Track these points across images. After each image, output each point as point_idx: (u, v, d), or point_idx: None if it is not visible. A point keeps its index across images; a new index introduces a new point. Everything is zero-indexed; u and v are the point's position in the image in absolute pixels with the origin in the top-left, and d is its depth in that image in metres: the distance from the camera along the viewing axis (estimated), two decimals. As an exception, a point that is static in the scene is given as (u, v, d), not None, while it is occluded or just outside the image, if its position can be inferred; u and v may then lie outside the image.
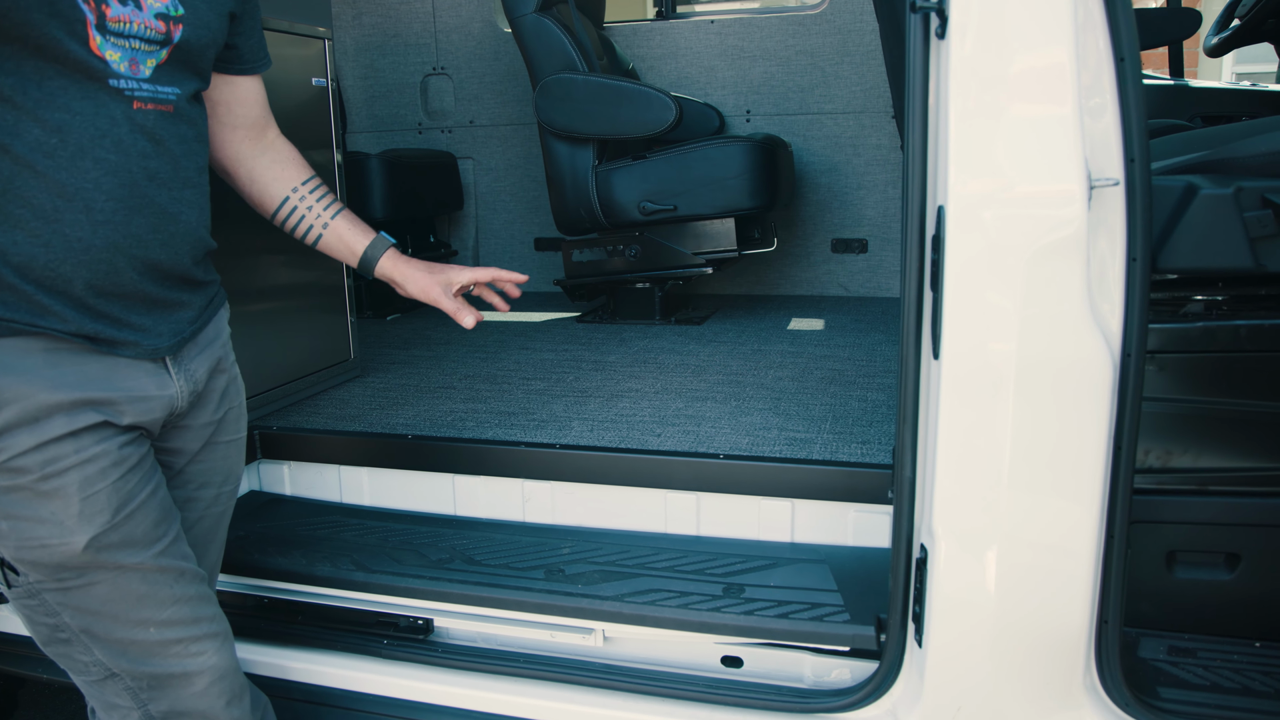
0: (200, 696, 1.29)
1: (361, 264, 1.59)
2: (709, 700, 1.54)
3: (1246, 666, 1.43)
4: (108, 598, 1.21)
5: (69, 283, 1.13)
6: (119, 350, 1.20)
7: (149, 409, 1.24)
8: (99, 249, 1.14)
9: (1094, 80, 1.18)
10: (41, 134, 1.09)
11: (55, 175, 1.09)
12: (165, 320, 1.25)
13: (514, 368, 2.59)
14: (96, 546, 1.17)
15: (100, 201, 1.13)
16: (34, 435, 1.13)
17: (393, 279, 1.60)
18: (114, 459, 1.19)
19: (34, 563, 1.18)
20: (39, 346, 1.14)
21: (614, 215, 3.09)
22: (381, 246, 1.58)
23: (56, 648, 1.27)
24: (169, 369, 1.27)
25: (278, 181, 1.52)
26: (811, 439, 1.87)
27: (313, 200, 1.54)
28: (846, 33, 3.53)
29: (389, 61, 4.05)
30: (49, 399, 1.13)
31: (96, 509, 1.17)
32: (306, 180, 1.54)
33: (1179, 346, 1.45)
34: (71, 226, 1.11)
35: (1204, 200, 1.37)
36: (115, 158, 1.14)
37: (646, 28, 3.76)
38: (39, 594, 1.21)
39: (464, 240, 4.08)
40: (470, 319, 1.62)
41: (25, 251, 1.10)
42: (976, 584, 1.30)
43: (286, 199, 1.52)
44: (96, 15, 1.10)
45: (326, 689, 1.73)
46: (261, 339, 2.14)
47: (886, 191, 3.60)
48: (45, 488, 1.14)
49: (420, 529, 1.90)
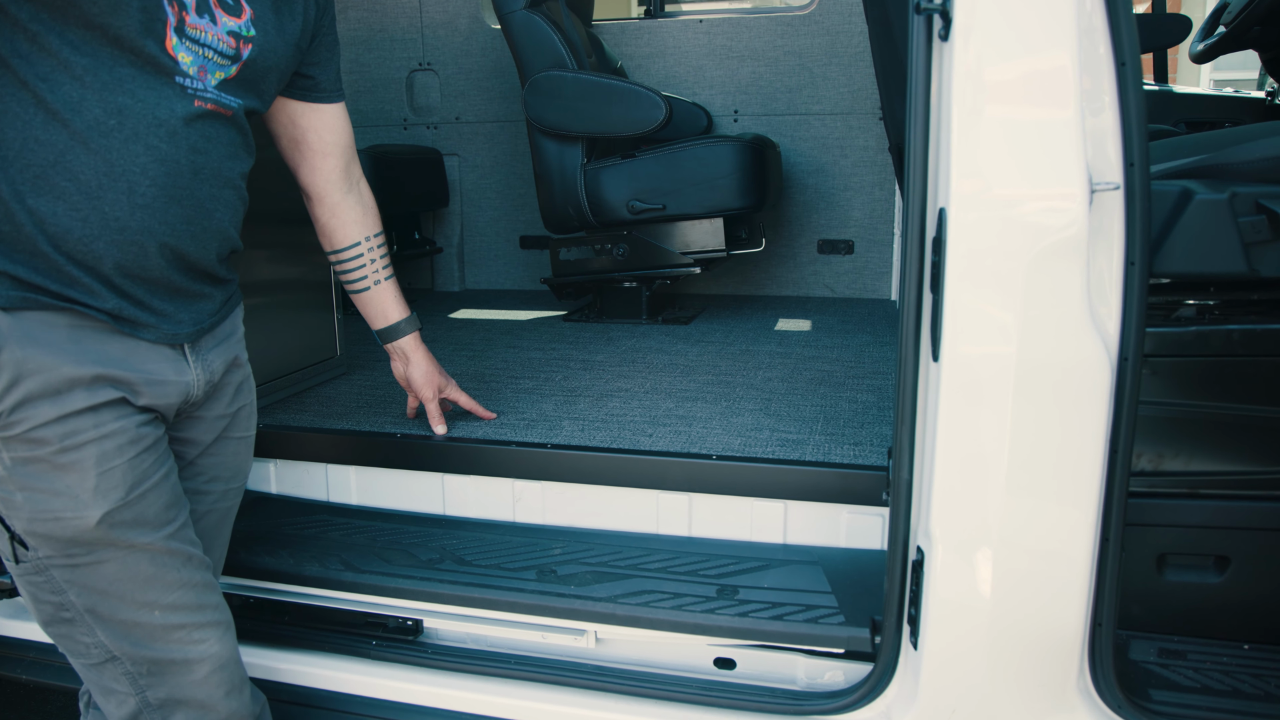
0: (200, 685, 1.30)
1: (387, 330, 1.79)
2: (702, 702, 1.53)
3: (1236, 669, 1.45)
4: (115, 577, 1.23)
5: (99, 260, 1.16)
6: (140, 332, 1.23)
7: (165, 393, 1.26)
8: (133, 231, 1.17)
9: (1095, 84, 1.18)
10: (102, 114, 1.13)
11: (107, 154, 1.14)
12: (187, 309, 1.29)
13: (502, 366, 2.57)
14: (109, 523, 1.19)
15: (143, 186, 1.17)
16: (55, 407, 1.15)
17: (408, 357, 1.82)
18: (131, 436, 1.21)
19: (46, 536, 1.19)
20: (63, 322, 1.16)
21: (602, 214, 3.07)
22: (414, 324, 1.81)
23: (58, 628, 1.27)
24: (186, 356, 1.30)
25: (358, 224, 1.65)
26: (803, 440, 1.87)
27: (377, 254, 1.70)
28: (835, 34, 3.54)
29: (374, 56, 4.01)
30: (71, 372, 1.16)
31: (112, 485, 1.19)
32: (379, 234, 1.68)
33: (1172, 350, 1.46)
34: (111, 205, 1.15)
35: (1199, 205, 1.38)
36: (166, 147, 1.18)
37: (635, 26, 3.75)
38: (46, 570, 1.22)
39: (449, 238, 4.06)
40: (443, 428, 1.90)
41: (63, 224, 1.14)
42: (973, 587, 1.31)
43: (358, 244, 1.66)
44: (177, 19, 1.17)
45: (314, 690, 1.71)
46: (248, 334, 2.10)
47: (873, 193, 3.61)
48: (63, 460, 1.16)
49: (409, 529, 1.88)
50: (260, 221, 1.69)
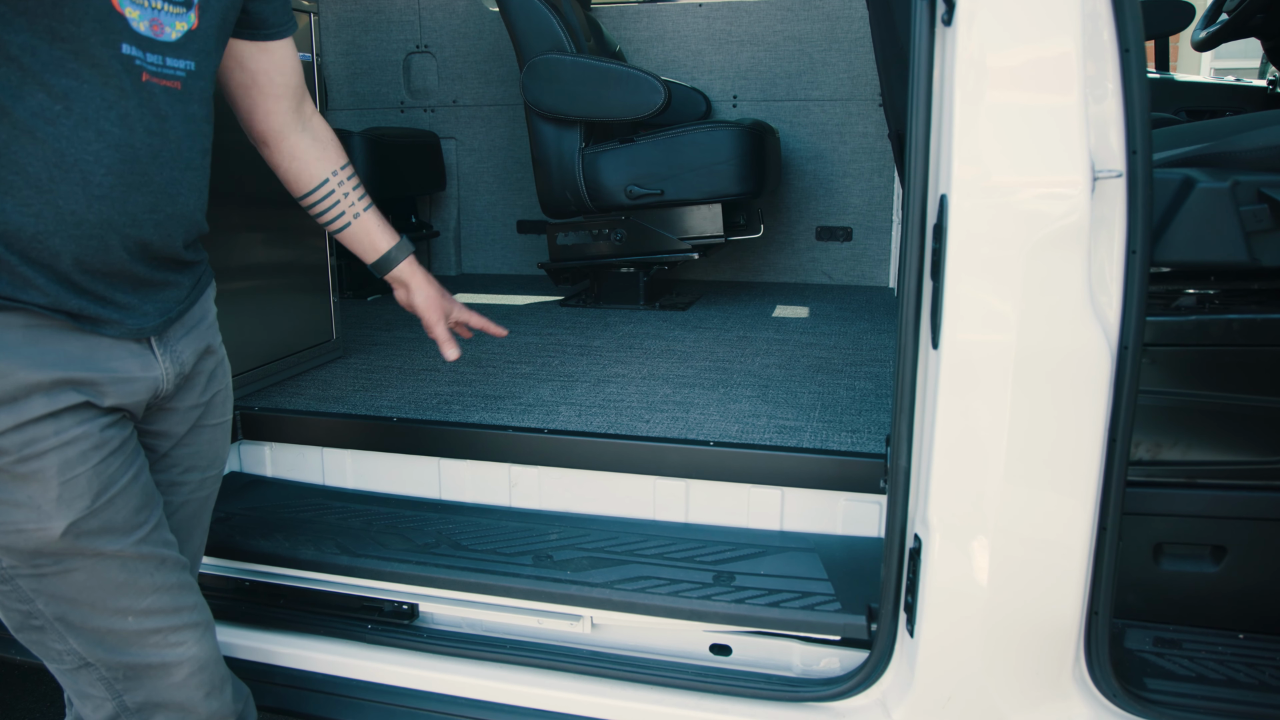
0: (179, 688, 1.25)
1: (381, 261, 1.61)
2: (697, 688, 1.53)
3: (1231, 658, 1.45)
4: (85, 585, 1.16)
5: (56, 257, 1.08)
6: (102, 329, 1.14)
7: (132, 391, 1.19)
8: (91, 224, 1.09)
9: (1098, 71, 1.17)
10: (46, 99, 1.04)
11: (55, 144, 1.05)
12: (151, 299, 1.21)
13: (498, 351, 2.56)
14: (75, 533, 1.13)
15: (99, 175, 1.08)
16: (12, 415, 1.08)
17: (407, 284, 1.63)
18: (95, 442, 1.14)
19: (8, 548, 1.13)
20: (18, 323, 1.08)
21: (600, 199, 3.06)
22: (407, 249, 1.62)
23: (29, 634, 1.21)
24: (154, 349, 1.22)
25: (319, 161, 1.50)
26: (801, 427, 1.86)
27: (349, 187, 1.54)
28: (835, 19, 3.52)
29: (371, 38, 3.98)
30: (28, 378, 1.08)
31: (76, 494, 1.12)
32: (345, 165, 1.54)
33: (1172, 339, 1.45)
34: (65, 199, 1.06)
35: (1201, 194, 1.38)
36: (119, 131, 1.09)
37: (634, 10, 3.72)
38: (12, 579, 1.16)
39: (445, 222, 4.04)
40: (454, 352, 1.68)
41: (14, 221, 1.05)
42: (970, 575, 1.30)
43: (325, 181, 1.52)
44: None
45: (309, 674, 1.70)
46: (242, 317, 2.10)
47: (872, 180, 3.59)
48: (23, 470, 1.09)
49: (405, 513, 1.87)
50: (254, 204, 1.67)
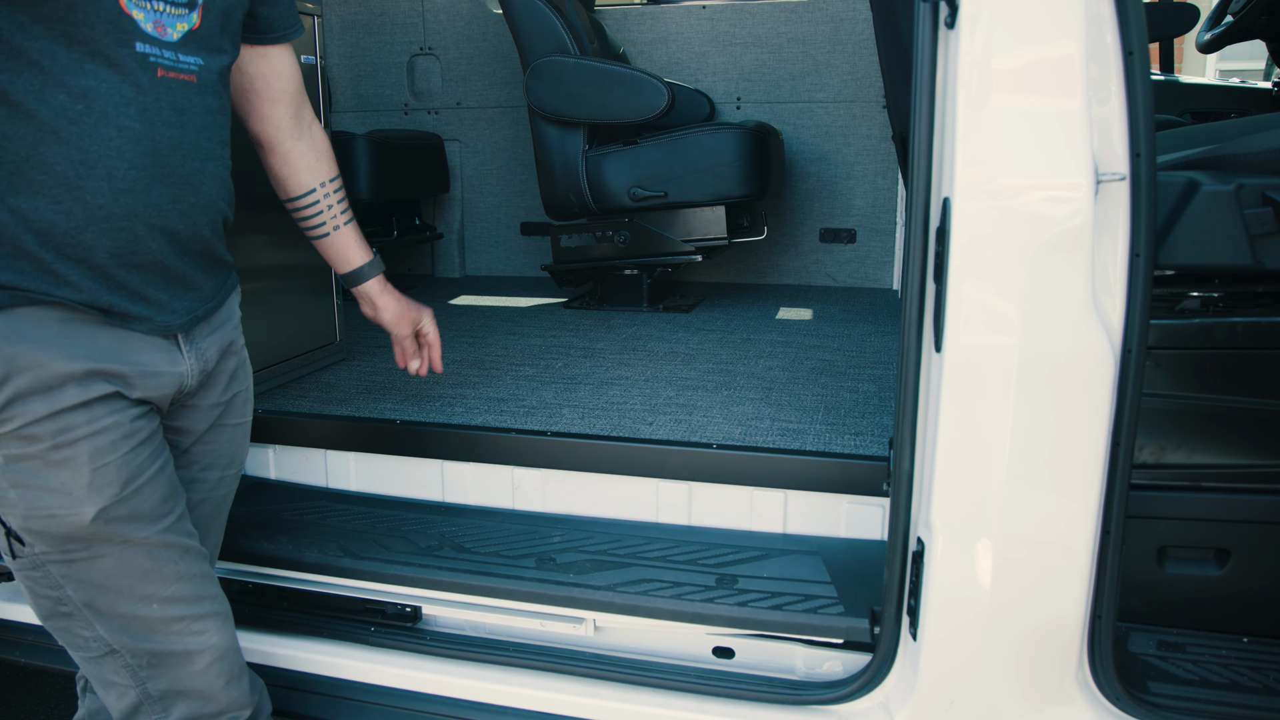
0: (200, 675, 1.29)
1: (351, 275, 1.69)
2: (700, 691, 1.53)
3: (1235, 662, 1.44)
4: (112, 572, 1.21)
5: (89, 251, 1.13)
6: (132, 324, 1.20)
7: (159, 384, 1.24)
8: (119, 217, 1.14)
9: (1102, 74, 1.17)
10: (67, 100, 1.09)
11: (78, 142, 1.10)
12: (181, 297, 1.26)
13: (502, 353, 2.56)
14: (105, 519, 1.18)
15: (122, 170, 1.13)
16: (47, 404, 1.13)
17: (374, 301, 1.72)
18: (125, 431, 1.19)
19: (41, 533, 1.18)
20: (54, 316, 1.14)
21: (604, 201, 3.06)
22: (378, 267, 1.71)
23: (57, 621, 1.26)
24: (180, 346, 1.28)
25: (311, 170, 1.56)
26: (804, 430, 1.86)
27: (334, 200, 1.60)
28: (839, 21, 3.51)
29: (375, 40, 3.99)
30: (63, 368, 1.14)
31: (106, 480, 1.17)
32: (335, 178, 1.59)
33: (1175, 343, 1.45)
34: (92, 194, 1.11)
35: (1205, 197, 1.37)
36: (139, 126, 1.14)
37: (637, 12, 3.72)
38: (43, 565, 1.21)
39: (449, 224, 4.04)
40: (416, 365, 1.82)
41: (47, 219, 1.10)
42: (973, 578, 1.30)
43: (313, 190, 1.57)
44: None
45: (312, 676, 1.71)
46: (247, 320, 2.09)
47: (876, 182, 3.59)
48: (56, 457, 1.15)
49: (408, 515, 1.87)
50: (259, 205, 1.67)
